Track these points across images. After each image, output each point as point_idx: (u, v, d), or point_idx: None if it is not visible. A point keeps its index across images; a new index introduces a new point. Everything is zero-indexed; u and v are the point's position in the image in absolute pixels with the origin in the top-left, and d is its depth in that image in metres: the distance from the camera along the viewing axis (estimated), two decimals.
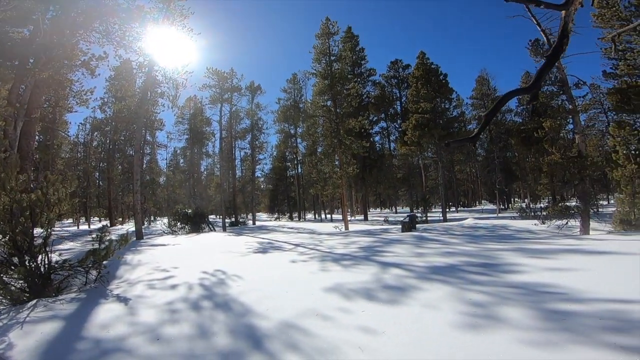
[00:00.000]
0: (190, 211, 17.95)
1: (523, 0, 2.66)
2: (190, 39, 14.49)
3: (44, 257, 4.45)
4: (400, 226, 14.43)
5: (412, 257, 5.50)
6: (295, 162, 37.49)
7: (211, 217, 26.84)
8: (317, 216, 39.41)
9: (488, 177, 36.55)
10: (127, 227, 19.82)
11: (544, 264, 4.23)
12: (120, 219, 29.22)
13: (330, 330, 2.69)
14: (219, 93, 25.69)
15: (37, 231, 4.66)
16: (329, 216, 36.08)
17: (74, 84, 15.17)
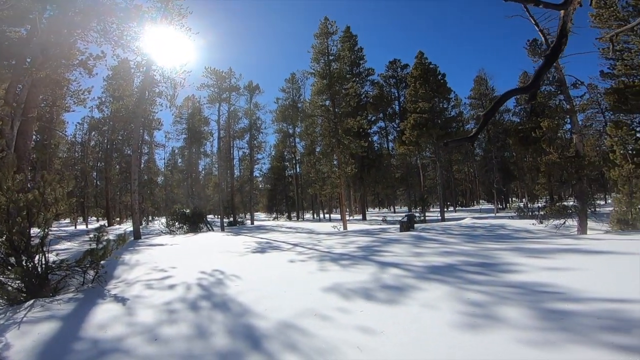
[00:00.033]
0: (188, 211, 17.90)
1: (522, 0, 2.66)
2: (188, 39, 14.45)
3: (41, 257, 4.42)
4: (398, 226, 14.45)
5: (411, 257, 5.50)
6: (293, 162, 37.48)
7: (209, 217, 26.79)
8: (316, 216, 39.41)
9: (486, 177, 36.65)
10: (125, 227, 19.78)
11: (542, 264, 4.24)
12: (118, 219, 29.17)
13: (329, 330, 2.69)
14: (217, 92, 25.64)
15: (34, 231, 4.63)
16: (328, 216, 36.11)
17: (72, 84, 15.12)
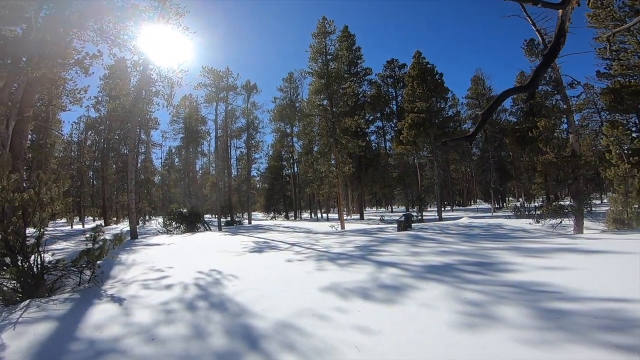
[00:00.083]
0: (185, 210, 17.86)
1: None
2: (185, 38, 14.38)
3: (37, 257, 4.40)
4: (396, 225, 14.49)
5: (408, 256, 5.50)
6: (291, 161, 37.47)
7: (206, 217, 26.68)
8: (313, 215, 39.38)
9: (483, 177, 36.78)
10: (122, 227, 19.68)
11: (539, 263, 4.25)
12: (114, 219, 29.10)
13: (326, 329, 2.68)
14: (215, 92, 25.58)
15: (30, 231, 4.60)
16: (325, 215, 36.11)
17: (68, 83, 15.04)
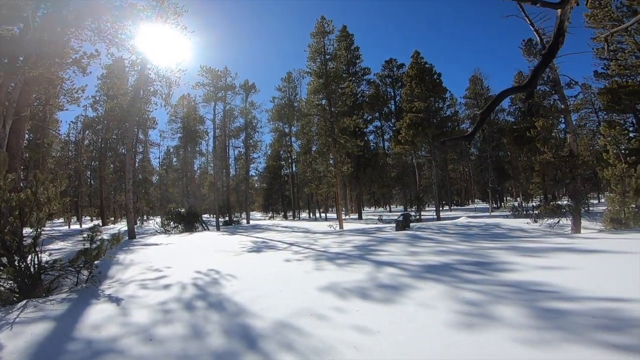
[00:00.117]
0: (183, 210, 17.84)
1: None
2: (184, 37, 14.36)
3: (34, 257, 4.37)
4: (394, 225, 14.50)
5: (406, 256, 5.51)
6: (289, 161, 37.47)
7: (205, 216, 26.68)
8: (312, 215, 39.40)
9: (481, 176, 36.89)
10: (120, 227, 19.64)
11: (537, 263, 4.27)
12: (112, 218, 28.97)
13: (325, 329, 2.68)
14: (213, 91, 25.54)
15: (27, 231, 4.58)
16: (324, 215, 36.12)
17: (65, 82, 14.97)
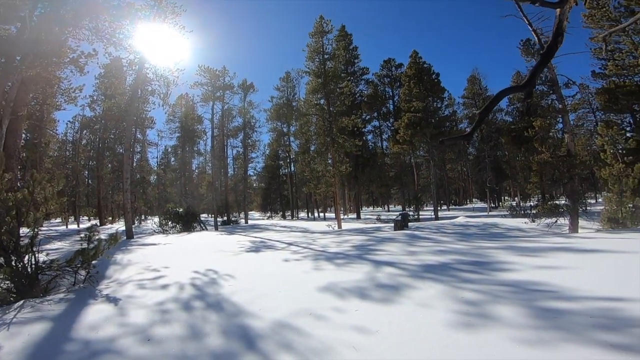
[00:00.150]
0: (181, 210, 17.81)
1: None
2: (182, 37, 14.32)
3: (31, 257, 4.35)
4: (392, 224, 14.52)
5: (405, 256, 5.51)
6: (288, 161, 37.45)
7: (203, 216, 26.66)
8: (310, 215, 39.40)
9: (479, 176, 36.96)
10: (117, 226, 19.58)
11: (535, 262, 4.28)
12: (110, 218, 28.90)
13: (324, 329, 2.67)
14: (211, 91, 25.50)
15: (24, 231, 4.56)
16: (322, 215, 36.15)
17: (63, 82, 14.94)
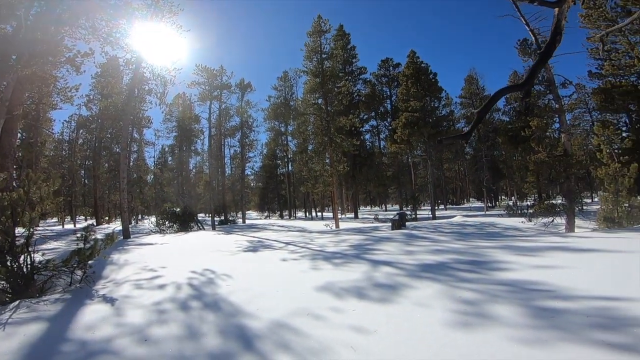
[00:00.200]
0: (178, 210, 17.74)
1: None
2: (179, 36, 14.31)
3: (27, 257, 4.33)
4: (390, 224, 14.53)
5: (403, 255, 5.51)
6: (285, 160, 37.39)
7: (200, 216, 26.59)
8: (308, 214, 39.40)
9: (476, 175, 37.09)
10: (114, 226, 19.49)
11: (532, 262, 4.28)
12: (106, 218, 28.79)
13: (322, 329, 2.67)
14: (209, 90, 25.43)
15: (19, 231, 4.53)
16: (320, 214, 36.14)
17: (59, 81, 14.77)
